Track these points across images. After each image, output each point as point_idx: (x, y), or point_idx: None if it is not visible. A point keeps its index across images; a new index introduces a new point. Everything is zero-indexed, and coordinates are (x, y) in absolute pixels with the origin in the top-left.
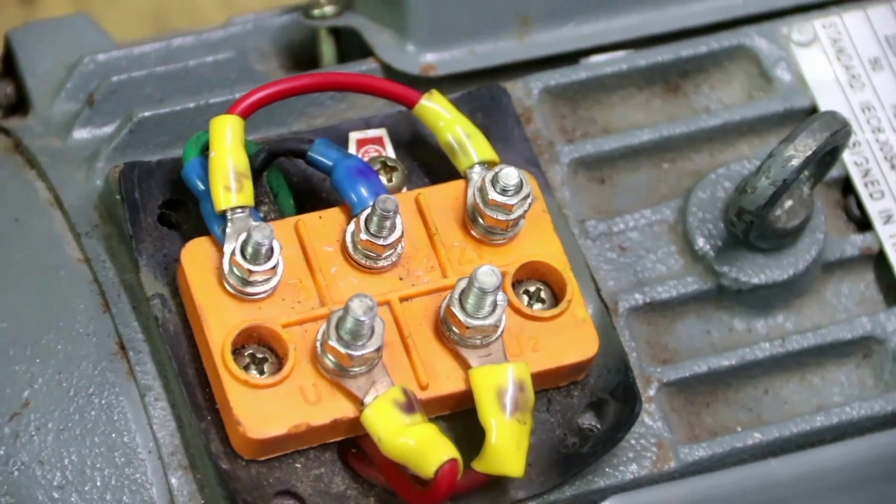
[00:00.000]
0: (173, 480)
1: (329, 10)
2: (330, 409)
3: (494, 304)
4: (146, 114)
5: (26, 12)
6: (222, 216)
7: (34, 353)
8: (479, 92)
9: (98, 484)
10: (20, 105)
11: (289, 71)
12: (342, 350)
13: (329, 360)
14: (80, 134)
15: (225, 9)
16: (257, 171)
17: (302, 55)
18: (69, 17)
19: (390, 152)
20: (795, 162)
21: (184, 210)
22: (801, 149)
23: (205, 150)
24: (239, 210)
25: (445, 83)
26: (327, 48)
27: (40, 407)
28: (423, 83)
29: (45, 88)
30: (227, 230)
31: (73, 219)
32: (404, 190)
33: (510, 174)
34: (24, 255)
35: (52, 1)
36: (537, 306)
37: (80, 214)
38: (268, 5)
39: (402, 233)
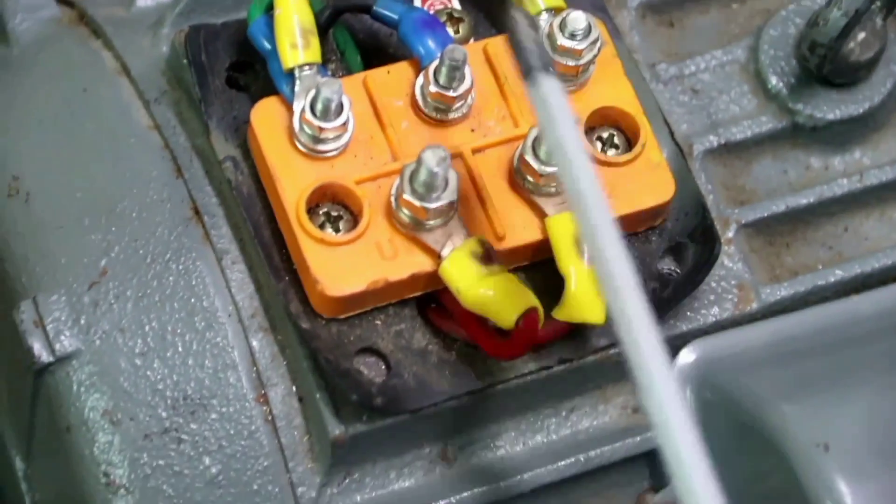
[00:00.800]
0: (254, 342)
1: None
2: (407, 263)
3: None
4: None
5: None
6: (290, 74)
7: (109, 221)
8: None
9: (180, 349)
10: None
11: None
12: (417, 203)
13: (404, 214)
14: (144, 2)
15: None
16: (323, 29)
17: None
18: None
19: (456, 4)
20: None
21: (251, 71)
22: None
23: (270, 10)
24: (307, 67)
25: None
26: None
27: (118, 275)
28: None
29: None
30: (296, 88)
31: (141, 86)
32: (472, 41)
33: (578, 18)
34: (94, 125)
35: None
36: (611, 152)
37: (148, 81)
38: None
39: (472, 83)
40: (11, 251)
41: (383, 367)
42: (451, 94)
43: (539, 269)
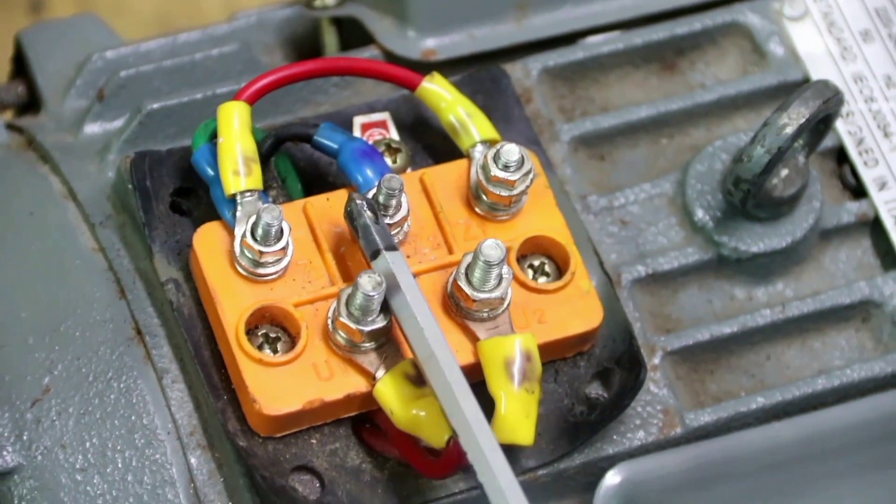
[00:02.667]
0: (192, 460)
1: (330, 0)
2: (343, 384)
3: (500, 277)
4: (155, 105)
5: (34, 19)
6: (232, 200)
7: (53, 340)
8: (480, 74)
9: (119, 465)
10: (32, 104)
11: (293, 62)
12: (353, 326)
13: (340, 337)
14: (91, 128)
15: (228, 12)
16: (265, 157)
17: (305, 46)
18: (77, 17)
19: (394, 135)
20: (789, 130)
21: (194, 197)
22: (794, 116)
23: (213, 137)
24: (248, 193)
25: (446, 67)
26: (330, 38)
27: (61, 392)
28: (425, 68)
29: (56, 86)
30: (238, 213)
31: (87, 210)
32: (409, 170)
33: (512, 150)
34: (40, 247)
35: (59, 8)
36: (542, 279)
37: (94, 205)
38: (270, 3)
39: (408, 211)
40: None
41: (318, 484)
42: (387, 221)
43: (471, 390)
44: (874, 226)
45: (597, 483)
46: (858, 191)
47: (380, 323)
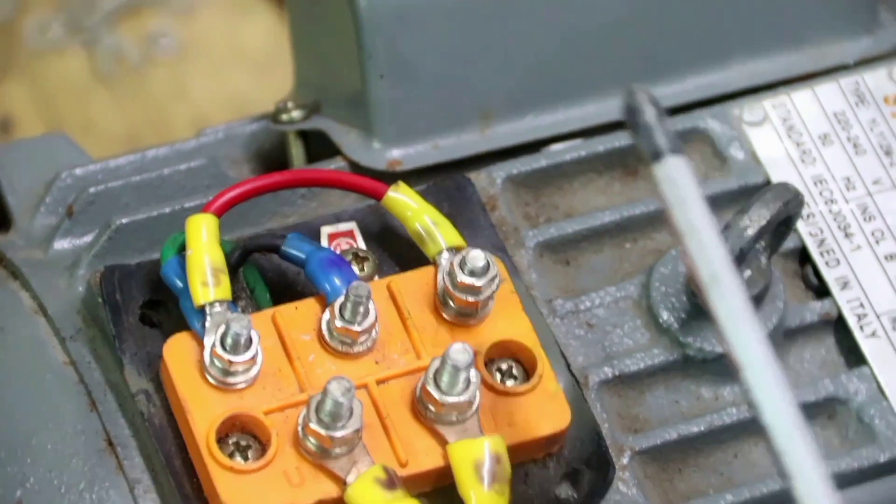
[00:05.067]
0: None
1: (297, 114)
2: (314, 490)
3: (468, 381)
4: (124, 220)
5: (3, 138)
6: (201, 311)
7: (25, 453)
8: (445, 183)
9: None
10: (2, 222)
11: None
12: (323, 432)
13: (311, 443)
14: (61, 244)
15: (196, 129)
16: (233, 268)
17: (272, 160)
18: (46, 137)
19: (361, 244)
20: (751, 231)
21: (164, 309)
22: (755, 218)
23: (182, 250)
24: (217, 304)
25: (412, 177)
26: (297, 151)
27: None
28: (391, 178)
29: (26, 204)
30: (207, 324)
31: (58, 324)
32: (376, 278)
33: (477, 256)
34: (11, 361)
35: (28, 128)
36: (510, 382)
37: (64, 320)
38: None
39: (376, 318)
40: None
41: None
42: (355, 328)
43: (441, 494)
44: (837, 324)
45: None
46: (821, 290)
47: (350, 428)
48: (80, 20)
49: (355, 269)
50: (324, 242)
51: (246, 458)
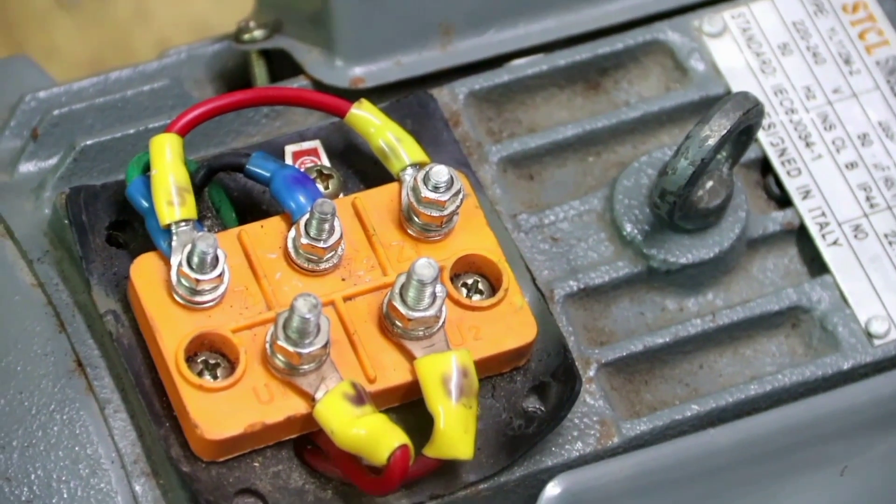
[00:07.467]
0: (137, 487)
1: (258, 34)
2: (283, 407)
3: (434, 296)
4: (88, 142)
5: None
6: (167, 231)
7: None
8: (407, 99)
9: (65, 496)
10: None
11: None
12: (291, 349)
13: (279, 360)
14: (26, 167)
15: (160, 52)
16: (198, 188)
17: (235, 80)
18: (9, 59)
19: (325, 161)
20: (712, 141)
21: (130, 229)
22: (716, 128)
23: (146, 170)
24: (183, 223)
25: (375, 94)
26: (259, 71)
27: (4, 426)
28: (353, 95)
29: None
30: (173, 243)
31: (25, 246)
32: (341, 196)
33: (441, 171)
34: None
35: None
36: (476, 297)
37: (31, 242)
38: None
39: (342, 235)
40: None
41: None
42: (321, 245)
43: (409, 409)
44: (800, 233)
45: (537, 495)
46: (783, 200)
47: (317, 345)
48: None
49: (320, 186)
50: (288, 161)
51: (215, 377)
